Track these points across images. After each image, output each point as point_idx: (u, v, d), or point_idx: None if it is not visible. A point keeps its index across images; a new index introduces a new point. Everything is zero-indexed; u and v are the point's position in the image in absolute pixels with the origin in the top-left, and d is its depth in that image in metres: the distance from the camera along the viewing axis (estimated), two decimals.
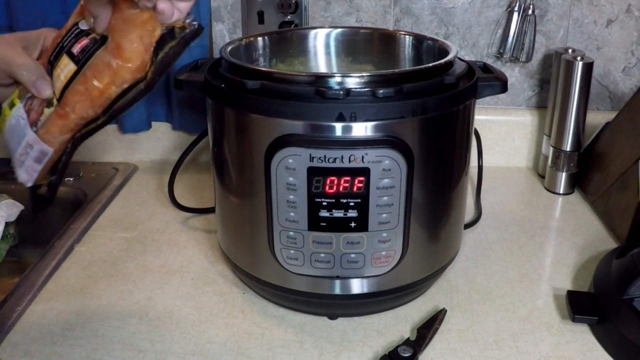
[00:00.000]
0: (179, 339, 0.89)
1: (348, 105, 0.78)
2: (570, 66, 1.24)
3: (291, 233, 0.85)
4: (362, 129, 0.79)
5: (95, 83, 0.70)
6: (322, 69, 1.11)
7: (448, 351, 0.86)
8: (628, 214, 1.11)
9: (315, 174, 0.80)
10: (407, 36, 1.08)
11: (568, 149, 1.30)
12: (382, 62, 1.09)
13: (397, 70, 0.90)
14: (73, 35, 0.73)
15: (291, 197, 0.82)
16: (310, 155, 0.79)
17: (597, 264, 0.98)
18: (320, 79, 0.80)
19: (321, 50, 1.11)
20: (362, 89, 0.79)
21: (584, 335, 0.89)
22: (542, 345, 0.87)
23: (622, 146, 1.19)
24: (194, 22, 0.72)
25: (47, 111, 0.73)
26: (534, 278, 1.03)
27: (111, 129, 1.44)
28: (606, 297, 0.89)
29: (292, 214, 0.83)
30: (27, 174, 0.77)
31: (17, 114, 0.75)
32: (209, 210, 1.20)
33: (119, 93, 0.71)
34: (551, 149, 1.32)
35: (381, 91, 0.78)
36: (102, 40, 0.70)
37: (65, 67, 0.72)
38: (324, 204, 0.82)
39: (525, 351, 0.86)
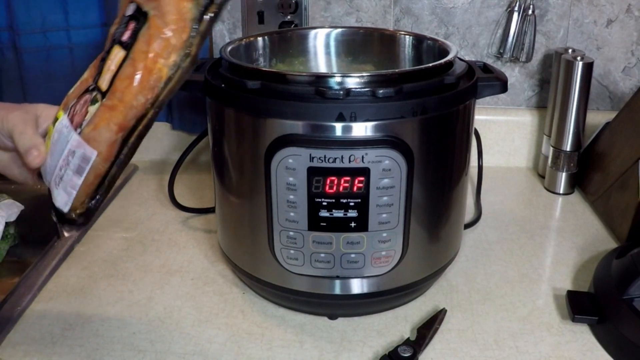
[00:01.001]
0: (179, 339, 0.89)
1: (348, 105, 0.78)
2: (570, 66, 1.24)
3: (291, 233, 0.85)
4: (362, 129, 0.79)
5: (141, 62, 0.66)
6: (322, 69, 1.11)
7: (448, 351, 0.86)
8: (628, 214, 1.11)
9: (315, 174, 0.80)
10: (407, 36, 1.08)
11: (568, 149, 1.30)
12: (382, 62, 1.09)
13: (397, 70, 0.90)
14: (123, 24, 0.69)
15: (291, 197, 0.82)
16: (310, 155, 0.79)
17: (597, 264, 0.98)
18: (320, 79, 0.80)
19: (321, 50, 1.11)
20: (362, 89, 0.79)
21: (584, 335, 0.89)
22: (542, 345, 0.87)
23: (622, 146, 1.19)
24: None
25: (93, 108, 0.69)
26: (534, 278, 1.03)
27: None
28: (606, 297, 0.89)
29: (292, 214, 0.83)
30: (65, 192, 0.71)
31: (60, 125, 0.72)
32: (209, 210, 1.20)
33: (167, 73, 0.66)
34: (551, 149, 1.32)
35: (381, 91, 0.78)
36: (145, 16, 0.66)
37: (116, 56, 0.68)
38: (324, 204, 0.82)
39: (525, 351, 0.86)
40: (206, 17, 0.66)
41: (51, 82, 1.37)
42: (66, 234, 0.75)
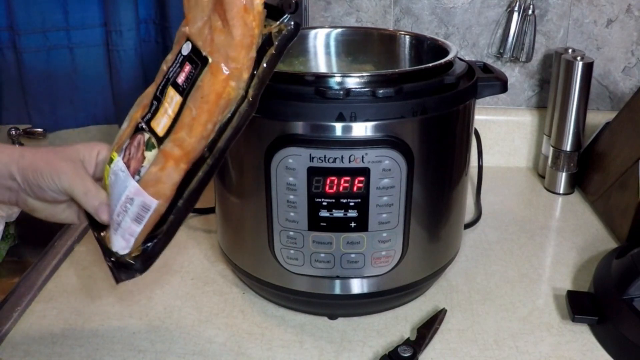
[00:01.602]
0: (178, 338, 0.89)
1: (348, 105, 0.78)
2: (570, 66, 1.24)
3: (291, 233, 0.85)
4: (362, 129, 0.79)
5: (198, 109, 0.65)
6: (322, 69, 1.11)
7: (448, 351, 0.86)
8: (628, 214, 1.11)
9: (315, 174, 0.80)
10: (407, 36, 1.08)
11: (568, 149, 1.30)
12: (382, 62, 1.09)
13: (397, 70, 0.90)
14: (178, 63, 0.69)
15: (291, 197, 0.82)
16: (310, 155, 0.79)
17: (597, 264, 0.98)
18: (321, 79, 0.80)
19: (321, 50, 1.11)
20: (362, 89, 0.79)
21: (584, 335, 0.89)
22: (542, 345, 0.87)
23: (622, 146, 1.19)
24: (291, 23, 0.67)
25: (150, 154, 0.68)
26: (534, 278, 1.03)
27: (112, 128, 1.44)
28: (606, 297, 0.89)
29: (292, 214, 0.83)
30: (123, 239, 0.70)
31: (116, 167, 0.70)
32: (209, 211, 1.20)
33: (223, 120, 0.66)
34: (551, 149, 1.32)
35: (381, 91, 0.78)
36: (204, 62, 0.66)
37: (172, 100, 0.68)
38: (324, 204, 0.82)
39: (525, 351, 0.86)
40: (265, 59, 0.66)
41: (51, 82, 1.37)
42: (122, 280, 0.73)
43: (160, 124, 0.68)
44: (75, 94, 1.40)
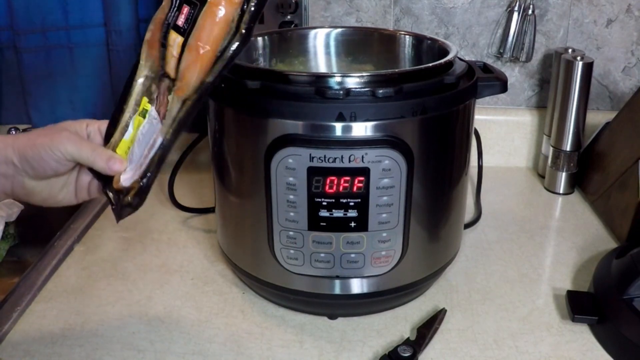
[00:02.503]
0: (178, 338, 0.89)
1: (348, 105, 0.78)
2: (570, 66, 1.24)
3: (291, 233, 0.85)
4: (362, 129, 0.79)
5: (201, 45, 0.70)
6: (322, 68, 1.11)
7: (448, 351, 0.86)
8: (628, 213, 1.11)
9: (315, 173, 0.80)
10: (407, 36, 1.08)
11: (568, 148, 1.30)
12: (382, 62, 1.09)
13: (397, 70, 0.90)
14: (175, 7, 0.73)
15: (291, 197, 0.82)
16: (310, 155, 0.79)
17: (597, 263, 0.98)
18: (320, 79, 0.80)
19: (321, 50, 1.11)
20: (362, 89, 0.79)
21: (584, 335, 0.89)
22: (542, 345, 0.87)
23: (622, 146, 1.19)
24: None
25: (170, 98, 0.74)
26: (533, 278, 1.03)
27: None
28: (606, 297, 0.89)
29: (292, 213, 0.83)
30: (131, 176, 0.76)
31: (151, 116, 0.76)
32: (209, 210, 1.20)
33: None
34: (551, 148, 1.32)
35: (381, 91, 0.78)
36: (202, 2, 0.70)
37: (174, 42, 0.73)
38: (324, 203, 0.82)
39: (525, 351, 0.86)
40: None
41: (51, 82, 1.37)
42: (123, 218, 0.78)
43: (171, 67, 0.74)
44: (74, 94, 1.40)
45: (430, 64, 0.86)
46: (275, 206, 0.84)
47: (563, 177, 1.32)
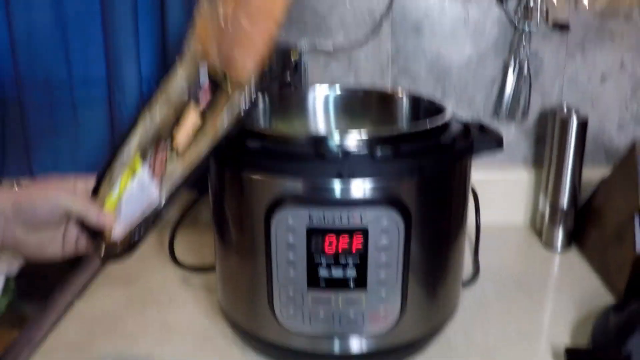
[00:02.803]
0: None
1: (347, 166, 0.79)
2: (565, 123, 1.26)
3: (291, 292, 0.85)
4: (360, 189, 0.80)
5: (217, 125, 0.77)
6: (321, 128, 1.12)
7: None
8: (625, 268, 1.11)
9: (315, 233, 0.81)
10: (404, 96, 1.10)
11: (565, 205, 1.31)
12: (380, 122, 1.10)
13: (394, 131, 0.92)
14: (198, 83, 0.81)
15: (291, 256, 0.83)
16: (309, 215, 0.80)
17: (595, 319, 0.98)
18: (319, 140, 0.82)
19: (320, 109, 1.13)
20: (361, 150, 0.80)
21: None
22: None
23: (617, 201, 1.20)
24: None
25: (170, 165, 0.80)
26: (533, 335, 1.03)
27: None
28: (605, 353, 0.89)
29: (291, 272, 0.84)
30: (123, 230, 0.80)
31: (141, 177, 0.81)
32: (209, 269, 1.20)
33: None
34: (548, 206, 1.33)
35: (379, 152, 0.79)
36: (218, 87, 0.79)
37: (191, 120, 0.80)
38: (323, 263, 0.83)
39: None
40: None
41: (54, 137, 1.38)
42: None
43: (181, 142, 0.80)
44: (77, 149, 1.41)
45: (428, 125, 0.88)
46: (275, 265, 0.85)
47: (560, 233, 1.33)
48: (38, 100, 1.35)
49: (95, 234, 0.81)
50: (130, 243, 0.78)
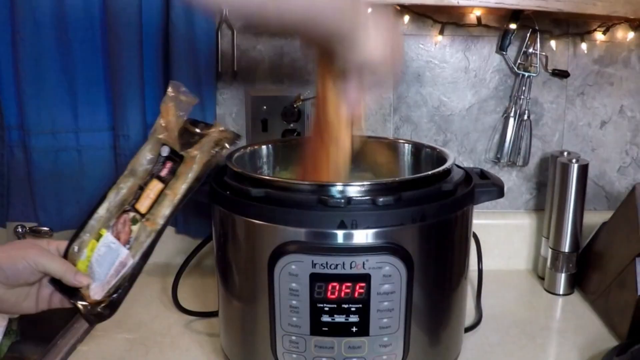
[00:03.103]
0: None
1: (349, 213, 0.81)
2: (566, 168, 1.27)
3: (294, 337, 0.86)
4: (363, 236, 0.81)
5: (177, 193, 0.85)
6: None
7: None
8: (627, 311, 1.11)
9: (318, 280, 0.82)
10: (406, 144, 1.12)
11: (566, 249, 1.31)
12: (383, 170, 1.11)
13: (396, 179, 0.93)
14: (160, 163, 0.88)
15: (294, 302, 0.84)
16: (312, 261, 0.81)
17: None
18: (322, 188, 0.83)
19: None
20: (363, 197, 0.81)
21: None
22: None
23: (619, 245, 1.21)
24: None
25: (135, 228, 0.85)
26: None
27: None
28: None
29: (294, 318, 0.85)
30: (102, 289, 0.85)
31: (107, 240, 0.86)
32: (212, 314, 1.20)
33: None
34: (550, 250, 1.34)
35: (381, 199, 0.81)
36: (180, 158, 0.86)
37: (154, 187, 0.86)
38: (326, 309, 0.83)
39: None
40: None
41: (58, 183, 1.39)
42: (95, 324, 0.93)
43: (144, 206, 0.86)
44: (81, 195, 1.42)
45: (429, 173, 0.89)
46: (278, 311, 0.85)
47: (562, 278, 1.33)
48: (43, 146, 1.36)
49: (71, 292, 0.85)
50: (111, 301, 0.84)
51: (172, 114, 0.89)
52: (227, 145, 0.87)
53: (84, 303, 0.84)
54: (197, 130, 0.88)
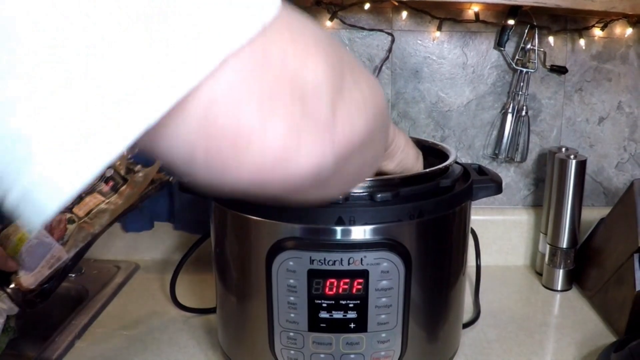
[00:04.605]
0: None
1: (347, 209, 0.80)
2: (564, 164, 1.27)
3: (291, 334, 0.86)
4: (361, 232, 0.81)
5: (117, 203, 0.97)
6: None
7: None
8: (625, 307, 1.11)
9: (315, 276, 0.82)
10: None
11: (564, 246, 1.31)
12: None
13: (394, 175, 0.93)
14: (102, 180, 0.99)
15: (292, 298, 0.84)
16: (310, 257, 0.81)
17: (595, 358, 0.98)
18: None
19: None
20: (361, 194, 0.81)
21: None
22: None
23: (617, 241, 1.21)
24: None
25: (71, 227, 0.94)
26: None
27: (114, 227, 1.46)
28: None
29: (292, 315, 0.85)
30: (34, 279, 0.92)
31: (40, 234, 0.93)
32: (210, 311, 1.21)
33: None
34: (548, 246, 1.34)
35: (379, 195, 0.80)
36: (124, 180, 0.99)
37: (95, 198, 0.97)
38: (324, 305, 0.83)
39: None
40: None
41: None
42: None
43: (82, 211, 0.96)
44: None
45: (427, 169, 0.89)
46: (276, 307, 0.85)
47: (560, 274, 1.33)
48: None
49: (3, 278, 0.93)
50: (42, 290, 0.93)
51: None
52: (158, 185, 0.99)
53: (14, 288, 0.91)
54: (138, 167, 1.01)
